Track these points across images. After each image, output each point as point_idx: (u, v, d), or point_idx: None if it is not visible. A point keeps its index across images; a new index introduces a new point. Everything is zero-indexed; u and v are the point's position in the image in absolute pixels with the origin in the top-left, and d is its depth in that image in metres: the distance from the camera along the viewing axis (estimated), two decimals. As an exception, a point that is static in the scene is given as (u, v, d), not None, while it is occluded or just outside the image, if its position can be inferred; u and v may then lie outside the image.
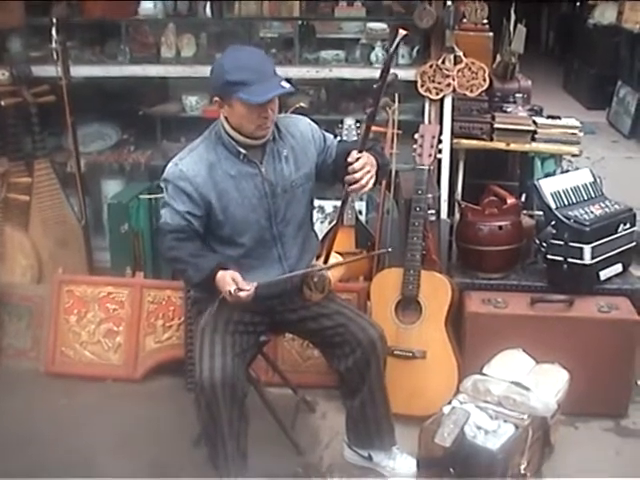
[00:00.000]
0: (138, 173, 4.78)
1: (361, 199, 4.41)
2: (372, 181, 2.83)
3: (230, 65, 2.77)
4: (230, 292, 2.72)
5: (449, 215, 4.22)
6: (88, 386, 3.94)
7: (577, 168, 4.23)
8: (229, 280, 2.75)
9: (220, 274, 2.78)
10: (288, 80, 2.84)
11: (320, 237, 3.43)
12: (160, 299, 4.05)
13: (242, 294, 2.73)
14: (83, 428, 3.62)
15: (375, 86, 2.72)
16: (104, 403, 3.82)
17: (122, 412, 3.74)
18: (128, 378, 3.99)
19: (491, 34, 4.32)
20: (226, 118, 2.87)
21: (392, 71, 2.70)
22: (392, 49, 2.67)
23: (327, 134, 3.10)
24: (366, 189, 2.85)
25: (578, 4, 10.58)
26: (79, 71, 4.42)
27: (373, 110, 2.78)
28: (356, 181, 2.80)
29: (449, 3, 3.92)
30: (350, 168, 2.79)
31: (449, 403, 3.15)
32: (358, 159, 2.79)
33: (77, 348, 4.07)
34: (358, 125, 4.03)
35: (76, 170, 4.43)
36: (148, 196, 4.33)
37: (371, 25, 4.62)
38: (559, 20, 12.20)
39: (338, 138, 3.23)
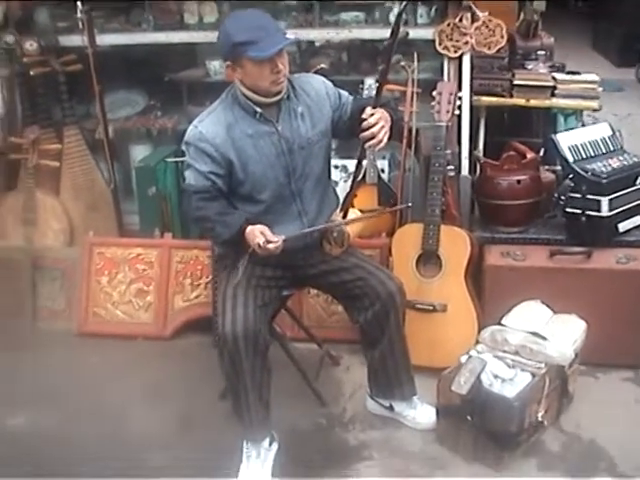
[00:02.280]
0: (165, 138, 4.84)
1: (383, 157, 4.46)
2: (387, 136, 2.90)
3: (234, 28, 2.84)
4: (259, 244, 2.81)
5: (470, 172, 4.25)
6: (119, 344, 4.05)
7: (601, 124, 4.22)
8: (258, 233, 2.84)
9: (249, 228, 2.88)
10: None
11: (342, 196, 3.49)
12: (188, 259, 4.16)
13: (271, 246, 2.82)
14: (114, 384, 3.73)
15: (385, 43, 2.78)
16: (135, 360, 3.93)
17: (152, 368, 3.85)
18: (158, 336, 4.10)
19: (515, -7, 4.34)
20: (241, 81, 2.93)
21: (402, 29, 2.77)
22: (402, 6, 2.74)
23: (342, 91, 3.14)
24: (382, 144, 2.92)
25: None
26: (105, 39, 4.49)
27: (385, 67, 2.86)
28: (372, 137, 2.87)
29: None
30: (365, 124, 2.87)
31: (467, 353, 3.23)
32: (372, 115, 2.87)
33: (109, 308, 4.19)
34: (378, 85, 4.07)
35: (104, 136, 4.50)
36: (175, 159, 4.38)
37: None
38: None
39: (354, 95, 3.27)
